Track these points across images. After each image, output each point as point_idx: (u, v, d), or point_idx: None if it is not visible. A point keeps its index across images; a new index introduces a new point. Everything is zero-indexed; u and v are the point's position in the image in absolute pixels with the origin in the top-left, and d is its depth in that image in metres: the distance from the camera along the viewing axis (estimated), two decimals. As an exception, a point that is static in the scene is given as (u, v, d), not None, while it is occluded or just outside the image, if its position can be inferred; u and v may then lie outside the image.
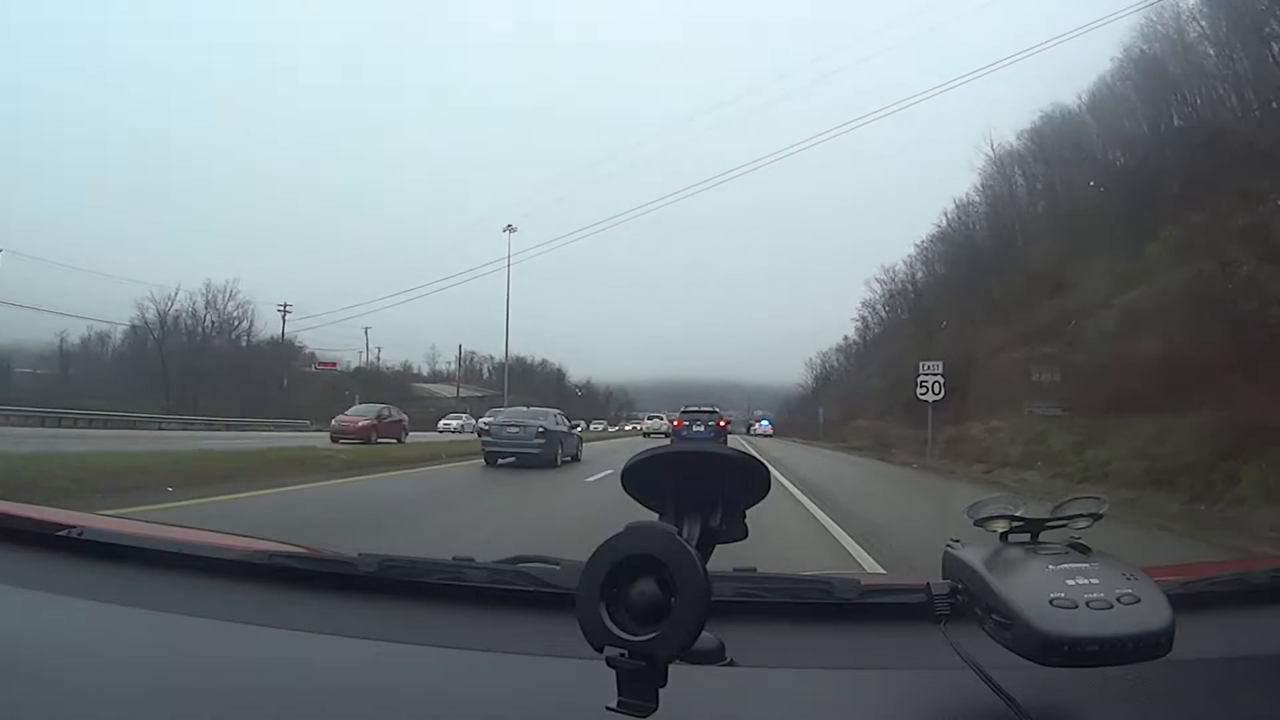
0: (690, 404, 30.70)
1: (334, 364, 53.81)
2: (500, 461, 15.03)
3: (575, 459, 16.87)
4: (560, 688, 0.86)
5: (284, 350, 51.30)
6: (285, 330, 50.68)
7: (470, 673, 0.93)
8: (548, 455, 14.89)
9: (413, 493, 10.44)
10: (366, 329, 54.78)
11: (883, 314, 47.95)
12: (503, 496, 10.76)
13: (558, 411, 18.09)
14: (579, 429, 22.89)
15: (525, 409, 18.15)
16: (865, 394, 40.42)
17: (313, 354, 53.64)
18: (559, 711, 0.83)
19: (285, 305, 49.70)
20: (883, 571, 5.13)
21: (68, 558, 1.23)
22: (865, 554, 6.27)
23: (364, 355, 56.67)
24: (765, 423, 63.89)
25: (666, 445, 0.77)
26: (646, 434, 39.28)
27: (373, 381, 52.38)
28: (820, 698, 0.88)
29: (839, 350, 59.51)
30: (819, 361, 64.31)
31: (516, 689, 0.88)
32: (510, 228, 44.22)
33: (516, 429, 15.30)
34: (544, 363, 75.79)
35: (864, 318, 50.59)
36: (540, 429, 15.18)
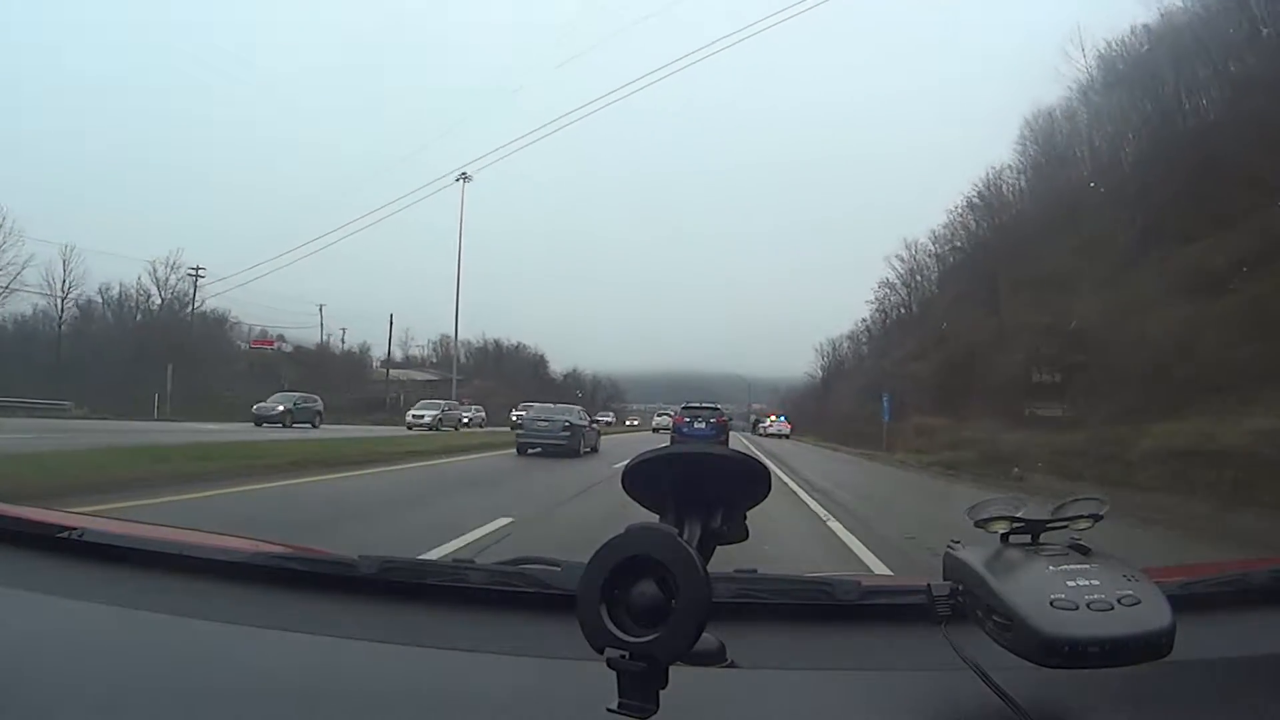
0: (690, 399, 30.53)
1: (272, 342, 46.82)
2: (530, 451, 16.68)
3: (594, 450, 18.69)
4: (561, 689, 0.87)
5: (209, 323, 43.84)
6: (214, 303, 43.11)
7: (471, 674, 0.93)
8: (571, 446, 16.85)
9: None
10: (321, 306, 48.59)
11: (903, 294, 41.51)
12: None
13: (580, 409, 20.63)
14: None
15: (553, 406, 20.25)
16: (903, 382, 31.22)
17: (269, 332, 47.00)
18: (559, 713, 0.83)
19: (198, 269, 41.96)
20: (886, 573, 5.14)
21: (69, 559, 1.23)
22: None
23: (321, 335, 50.32)
24: (780, 419, 49.51)
25: (667, 446, 0.77)
26: (656, 429, 40.53)
27: (316, 363, 46.60)
28: (821, 699, 0.88)
29: (850, 337, 51.10)
30: (830, 349, 55.21)
31: (517, 690, 0.88)
32: (465, 176, 39.11)
33: (545, 423, 17.39)
34: (519, 346, 68.84)
35: (880, 300, 43.39)
36: (566, 424, 17.27)
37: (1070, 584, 0.71)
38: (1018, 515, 0.81)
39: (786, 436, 43.96)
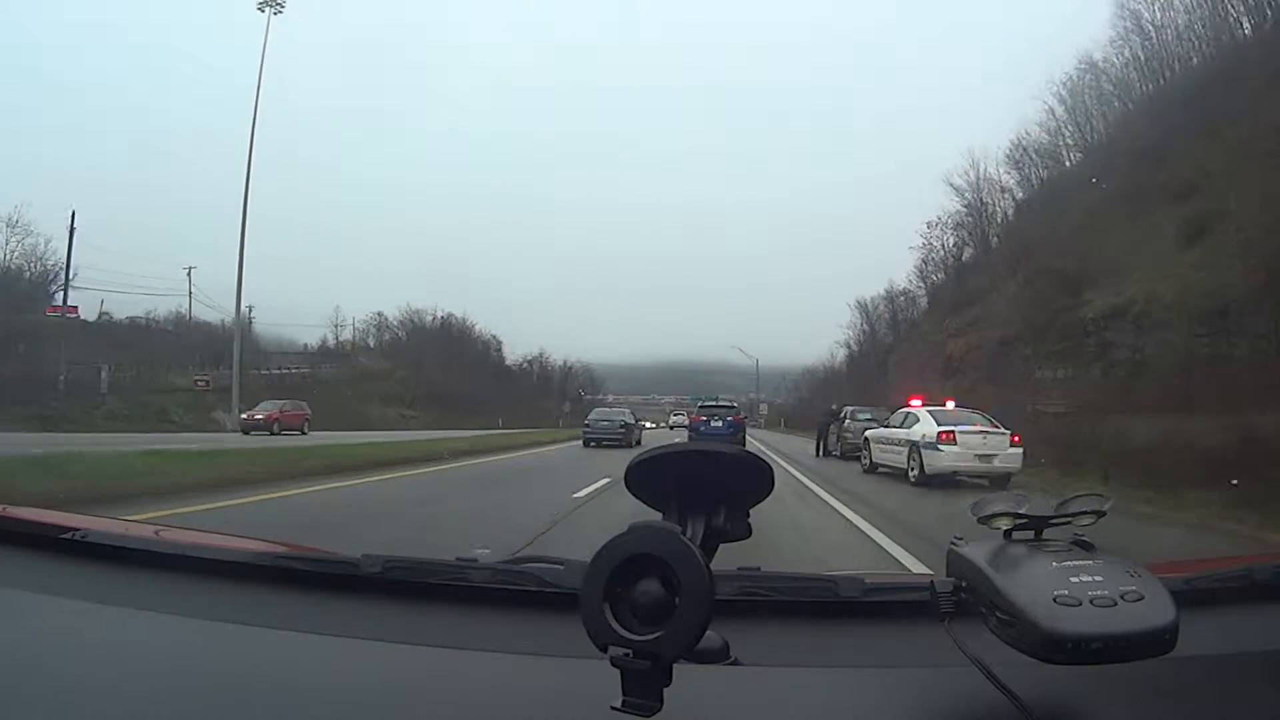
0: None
1: (75, 309, 38.54)
2: (591, 444, 22.61)
3: (639, 443, 24.10)
4: (564, 688, 0.87)
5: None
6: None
7: (474, 673, 0.93)
8: (626, 440, 22.93)
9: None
10: (190, 269, 41.32)
11: (966, 235, 32.69)
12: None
13: (629, 410, 29.00)
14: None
15: (611, 410, 28.53)
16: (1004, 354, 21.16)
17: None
18: (563, 711, 0.83)
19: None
20: (888, 570, 5.14)
21: (71, 560, 1.24)
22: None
23: (189, 306, 42.69)
24: (975, 417, 12.27)
25: (670, 444, 0.78)
26: (673, 427, 44.72)
27: (140, 340, 38.03)
28: (824, 696, 0.88)
29: (886, 298, 41.83)
30: (868, 312, 43.30)
31: (520, 689, 0.89)
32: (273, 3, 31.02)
33: (606, 423, 24.28)
34: (447, 319, 57.31)
35: (929, 242, 34.02)
36: (623, 423, 24.14)
37: (1073, 580, 0.70)
38: (1021, 512, 0.81)
39: (1009, 477, 11.58)
